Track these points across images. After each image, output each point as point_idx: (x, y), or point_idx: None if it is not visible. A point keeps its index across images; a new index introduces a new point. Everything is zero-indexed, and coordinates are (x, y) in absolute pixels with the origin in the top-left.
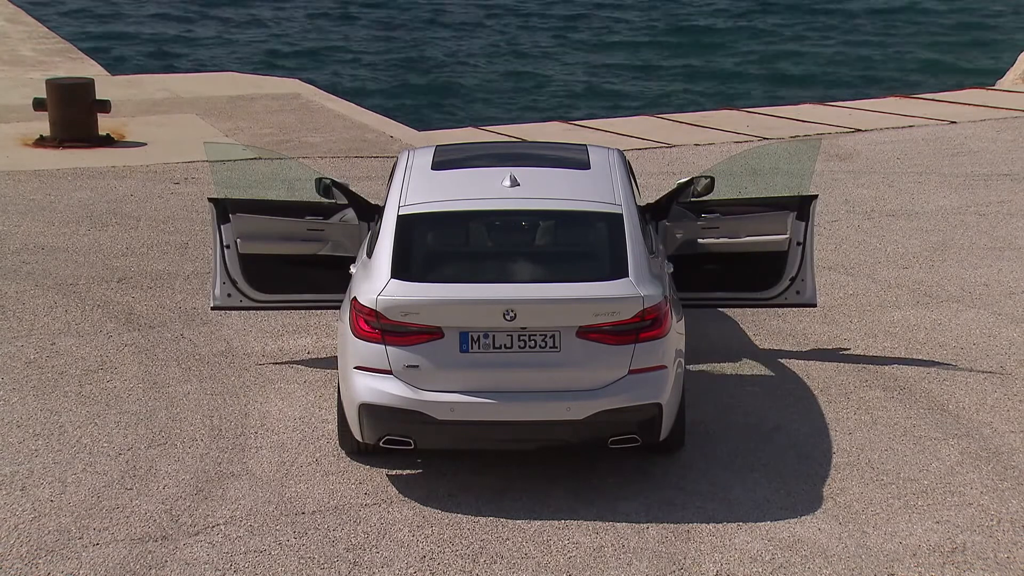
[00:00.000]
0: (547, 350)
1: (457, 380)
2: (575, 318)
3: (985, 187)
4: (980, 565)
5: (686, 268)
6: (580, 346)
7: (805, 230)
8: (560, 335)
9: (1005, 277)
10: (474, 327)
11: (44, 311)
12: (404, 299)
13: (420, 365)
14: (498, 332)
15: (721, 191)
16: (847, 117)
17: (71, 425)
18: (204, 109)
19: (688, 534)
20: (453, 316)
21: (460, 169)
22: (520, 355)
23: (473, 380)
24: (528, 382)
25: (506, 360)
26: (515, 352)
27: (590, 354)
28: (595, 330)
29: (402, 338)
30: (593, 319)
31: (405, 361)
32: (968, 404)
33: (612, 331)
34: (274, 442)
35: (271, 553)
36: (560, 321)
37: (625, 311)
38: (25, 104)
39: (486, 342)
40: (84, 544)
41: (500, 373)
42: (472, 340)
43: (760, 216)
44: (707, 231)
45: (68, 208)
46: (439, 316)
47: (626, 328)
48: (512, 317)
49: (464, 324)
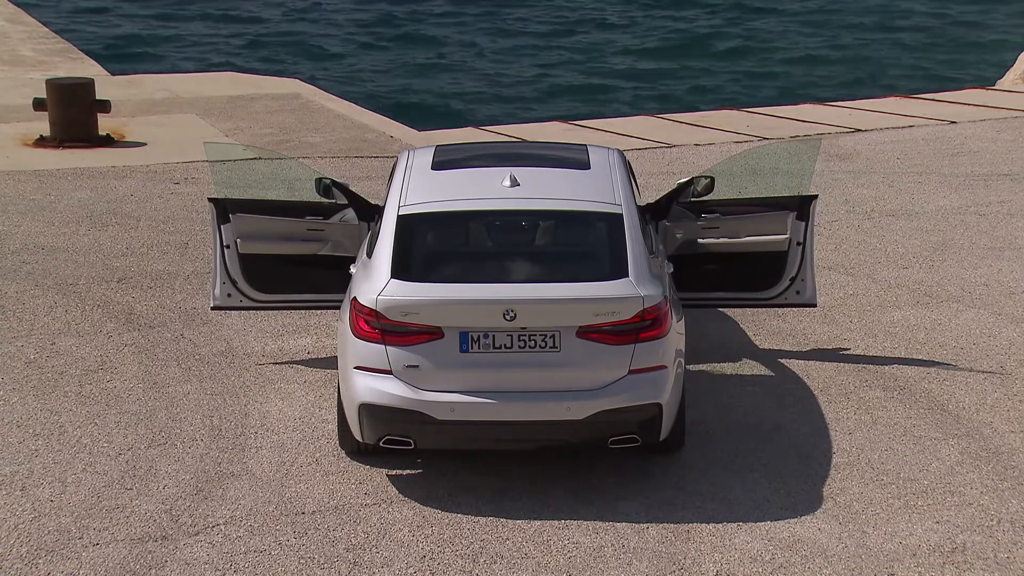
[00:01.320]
0: (547, 350)
1: (457, 380)
2: (575, 318)
3: (985, 187)
4: (980, 565)
5: (686, 268)
6: (580, 346)
7: (805, 230)
8: (560, 335)
9: (1005, 277)
10: (474, 327)
11: (44, 311)
12: (404, 299)
13: (420, 365)
14: (498, 332)
15: (721, 191)
16: (847, 117)
17: (71, 425)
18: (204, 109)
19: (688, 534)
20: (453, 316)
21: (460, 169)
22: (520, 355)
23: (473, 380)
24: (528, 382)
25: (506, 360)
26: (515, 352)
27: (590, 354)
28: (595, 330)
29: (402, 338)
30: (593, 319)
31: (405, 361)
32: (968, 404)
33: (612, 331)
34: (274, 442)
35: (271, 553)
36: (560, 321)
37: (625, 311)
38: (25, 104)
39: (486, 342)
40: (84, 544)
41: (500, 373)
42: (472, 340)
43: (760, 216)
44: (707, 231)
45: (68, 208)
46: (439, 316)
47: (626, 328)
48: (512, 317)
49: (464, 324)
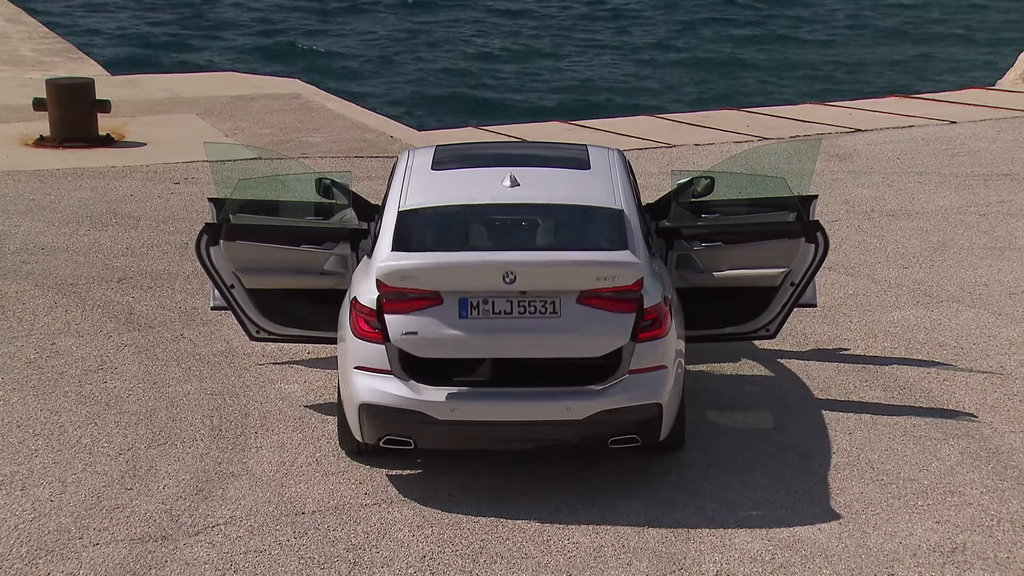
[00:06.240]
0: (547, 315)
1: (456, 346)
2: (576, 282)
3: (985, 187)
4: (980, 565)
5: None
6: (580, 312)
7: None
8: (560, 301)
9: (1005, 277)
10: (473, 292)
11: (44, 311)
12: (403, 263)
13: (419, 331)
14: (498, 298)
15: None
16: (847, 117)
17: (71, 425)
18: (204, 109)
19: (688, 534)
20: (452, 280)
21: (460, 169)
22: (520, 320)
23: (472, 346)
24: (527, 348)
25: (505, 326)
26: (515, 318)
27: (590, 320)
28: (595, 295)
29: (401, 304)
30: (594, 283)
31: (404, 328)
32: (968, 404)
33: (612, 297)
34: (274, 442)
35: (271, 553)
36: (560, 285)
37: (624, 277)
38: (25, 104)
39: (485, 308)
40: (84, 544)
41: (499, 339)
42: (471, 306)
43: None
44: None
45: (68, 208)
46: (438, 280)
47: (626, 296)
48: (512, 280)
49: (463, 289)
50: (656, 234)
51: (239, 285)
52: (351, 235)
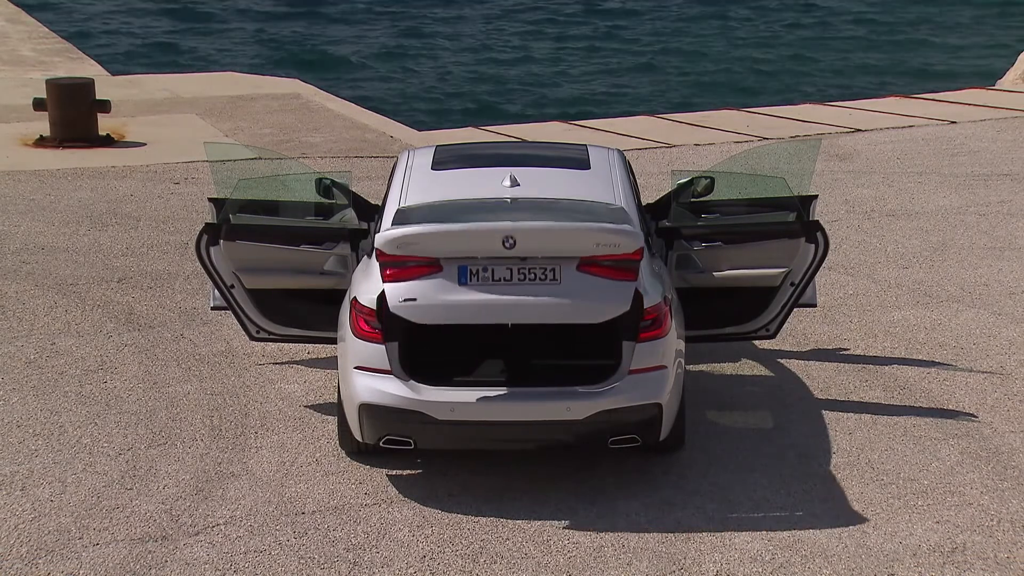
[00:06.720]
0: (547, 282)
1: (455, 313)
2: (576, 247)
3: (985, 187)
4: (980, 565)
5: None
6: (580, 279)
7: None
8: (560, 268)
9: (1005, 277)
10: (473, 258)
11: (44, 311)
12: (402, 231)
13: (418, 298)
14: (497, 265)
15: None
16: (847, 117)
17: (71, 425)
18: (204, 109)
19: (688, 534)
20: (451, 246)
21: (460, 169)
22: (519, 286)
23: (471, 313)
24: (527, 314)
25: (506, 292)
26: (514, 284)
27: (590, 288)
28: (596, 263)
29: (400, 271)
30: (595, 249)
31: (403, 295)
32: (968, 404)
33: (613, 265)
34: (274, 442)
35: (271, 553)
36: (561, 250)
37: (626, 245)
38: (25, 104)
39: (485, 275)
40: (84, 544)
41: (499, 306)
42: (471, 273)
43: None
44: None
45: (68, 208)
46: (437, 246)
47: (626, 264)
48: (512, 244)
49: (463, 254)
50: (656, 234)
51: (239, 285)
52: (351, 235)
